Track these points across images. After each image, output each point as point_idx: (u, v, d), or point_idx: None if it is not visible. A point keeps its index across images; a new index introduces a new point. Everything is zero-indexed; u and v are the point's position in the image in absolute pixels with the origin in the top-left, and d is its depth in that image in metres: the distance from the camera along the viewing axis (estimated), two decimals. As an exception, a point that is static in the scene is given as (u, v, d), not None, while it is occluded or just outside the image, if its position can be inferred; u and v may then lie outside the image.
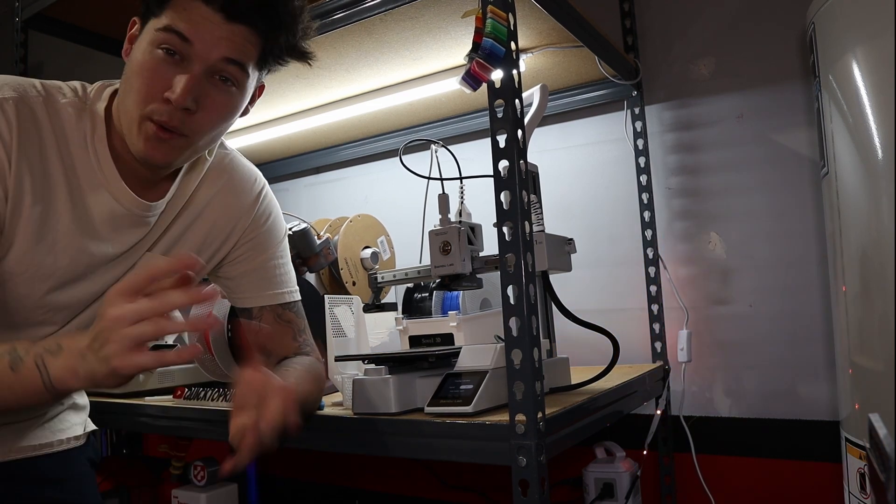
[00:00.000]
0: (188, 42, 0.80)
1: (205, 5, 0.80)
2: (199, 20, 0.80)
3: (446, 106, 1.71)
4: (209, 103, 0.84)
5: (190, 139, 0.86)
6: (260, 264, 1.07)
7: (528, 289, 0.87)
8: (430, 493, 1.81)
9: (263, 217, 1.06)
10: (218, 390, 1.23)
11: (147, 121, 0.83)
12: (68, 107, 0.88)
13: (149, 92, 0.82)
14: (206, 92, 0.83)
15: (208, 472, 1.55)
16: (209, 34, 0.81)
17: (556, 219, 1.64)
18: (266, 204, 1.07)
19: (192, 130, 0.85)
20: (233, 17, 0.81)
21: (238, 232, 1.04)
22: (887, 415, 0.86)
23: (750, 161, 1.50)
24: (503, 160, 0.89)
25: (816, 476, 1.39)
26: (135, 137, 0.85)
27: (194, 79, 0.81)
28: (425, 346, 1.30)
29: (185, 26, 0.80)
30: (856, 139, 0.97)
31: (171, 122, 0.82)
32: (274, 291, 1.07)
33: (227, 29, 0.81)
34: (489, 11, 0.89)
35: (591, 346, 1.32)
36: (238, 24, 0.82)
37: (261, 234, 1.06)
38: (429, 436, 0.94)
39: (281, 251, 1.10)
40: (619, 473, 1.36)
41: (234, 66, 0.84)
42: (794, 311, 1.44)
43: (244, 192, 1.04)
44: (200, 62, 0.81)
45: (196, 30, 0.80)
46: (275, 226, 1.08)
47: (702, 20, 1.56)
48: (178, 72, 0.81)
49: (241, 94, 0.87)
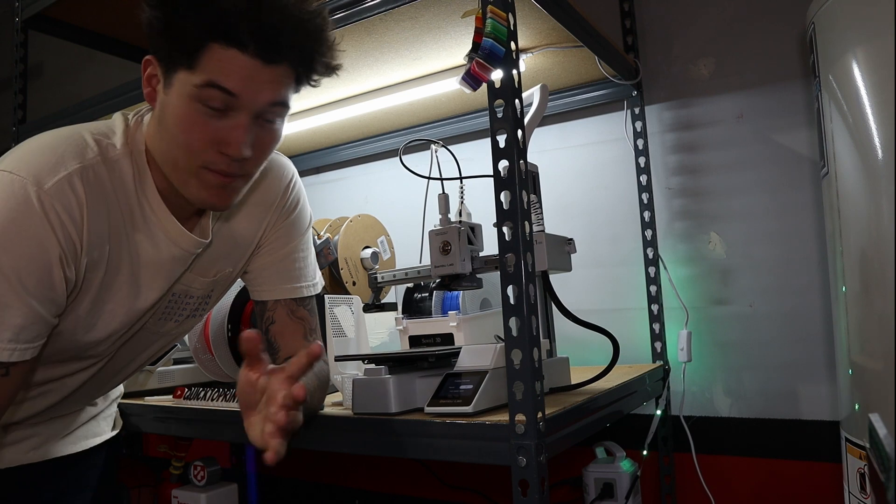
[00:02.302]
0: (234, 95, 0.78)
1: (242, 54, 0.77)
2: (240, 70, 0.77)
3: (446, 106, 1.71)
4: (260, 144, 0.84)
5: (246, 178, 0.87)
6: (283, 256, 1.06)
7: (528, 289, 0.87)
8: (430, 493, 1.81)
9: (290, 207, 1.06)
10: (218, 390, 1.23)
11: (205, 171, 0.83)
12: (120, 160, 0.87)
13: (200, 146, 0.81)
14: (257, 136, 0.83)
15: (208, 472, 1.55)
16: (252, 83, 0.78)
17: (556, 219, 1.64)
18: (294, 194, 1.07)
19: (248, 171, 0.86)
20: (270, 60, 0.78)
21: (269, 224, 1.05)
22: (887, 415, 0.86)
23: (750, 161, 1.50)
24: (503, 160, 0.89)
25: (816, 476, 1.39)
26: (194, 188, 0.85)
27: (248, 130, 0.81)
28: (425, 346, 1.30)
29: (227, 79, 0.77)
30: (856, 139, 0.97)
31: (230, 169, 0.83)
32: (292, 285, 1.07)
33: (268, 73, 0.79)
34: (489, 11, 0.89)
35: (591, 346, 1.32)
36: (276, 66, 0.79)
37: (287, 225, 1.06)
38: (429, 436, 0.94)
39: (304, 242, 1.09)
40: (619, 473, 1.36)
41: (279, 106, 0.83)
42: (794, 311, 1.44)
43: (273, 188, 1.04)
44: (247, 111, 0.80)
45: (239, 81, 0.78)
46: (301, 216, 1.08)
47: (702, 20, 1.56)
48: (227, 122, 0.80)
49: (282, 123, 0.87)
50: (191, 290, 1.01)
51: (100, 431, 1.17)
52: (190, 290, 1.01)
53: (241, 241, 1.03)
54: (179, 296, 1.00)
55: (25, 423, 1.03)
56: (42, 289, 0.80)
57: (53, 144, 0.83)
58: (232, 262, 1.03)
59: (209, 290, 1.04)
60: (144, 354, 1.08)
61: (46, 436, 1.06)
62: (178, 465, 1.67)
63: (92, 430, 1.15)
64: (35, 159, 0.80)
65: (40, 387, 0.98)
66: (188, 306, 1.03)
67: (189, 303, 1.02)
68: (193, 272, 0.99)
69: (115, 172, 0.86)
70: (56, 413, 1.06)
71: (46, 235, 0.79)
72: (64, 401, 1.03)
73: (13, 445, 1.02)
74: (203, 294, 1.03)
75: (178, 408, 1.27)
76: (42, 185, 0.78)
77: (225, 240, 1.01)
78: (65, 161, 0.81)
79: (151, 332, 1.02)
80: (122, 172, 0.87)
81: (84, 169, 0.82)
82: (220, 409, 1.19)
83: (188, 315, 1.05)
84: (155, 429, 1.30)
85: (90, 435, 1.15)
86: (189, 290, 1.01)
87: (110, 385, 1.12)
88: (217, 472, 1.57)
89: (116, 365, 1.04)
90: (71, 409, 1.09)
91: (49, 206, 0.78)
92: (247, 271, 1.08)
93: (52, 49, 2.62)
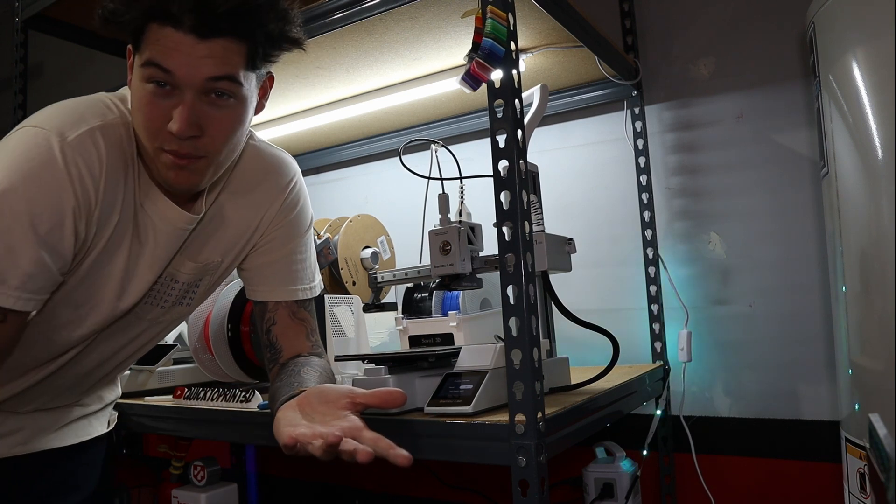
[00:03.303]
0: (170, 72, 0.80)
1: (175, 31, 0.78)
2: (174, 47, 0.78)
3: (446, 106, 1.71)
4: (212, 123, 0.84)
5: (208, 159, 0.87)
6: (282, 257, 1.06)
7: (527, 289, 0.87)
8: (430, 493, 1.81)
9: (290, 206, 1.06)
10: (218, 390, 1.23)
11: (161, 152, 0.84)
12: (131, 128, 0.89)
13: (152, 126, 0.83)
14: (205, 113, 0.82)
15: (208, 472, 1.55)
16: (187, 59, 0.79)
17: (556, 219, 1.64)
18: (295, 193, 1.06)
19: (207, 151, 0.86)
20: (205, 35, 0.78)
21: (266, 222, 1.04)
22: (887, 415, 0.86)
23: (750, 161, 1.50)
24: (503, 160, 0.89)
25: (816, 476, 1.39)
26: (158, 168, 0.87)
27: (189, 107, 0.81)
28: (425, 346, 1.31)
29: (162, 57, 0.79)
30: (856, 139, 0.97)
31: (182, 150, 0.84)
32: (292, 287, 1.07)
33: (204, 48, 0.79)
34: (489, 11, 0.89)
35: (591, 346, 1.32)
36: (213, 40, 0.79)
37: (286, 224, 1.06)
38: (429, 436, 0.94)
39: (304, 243, 1.09)
40: (619, 473, 1.36)
41: (224, 81, 0.82)
42: (794, 311, 1.44)
43: (273, 184, 1.04)
44: (189, 88, 0.81)
45: (173, 58, 0.79)
46: (301, 216, 1.08)
47: (702, 20, 1.56)
48: (173, 101, 0.81)
49: (240, 102, 0.86)
50: (177, 275, 1.01)
51: (92, 431, 1.16)
52: (176, 274, 1.00)
53: (233, 228, 1.02)
54: (165, 279, 1.00)
55: (8, 411, 1.02)
56: (53, 238, 0.81)
57: (76, 105, 0.86)
58: (221, 252, 1.03)
59: (196, 277, 1.03)
60: (130, 346, 1.06)
61: (33, 430, 1.06)
62: (178, 465, 1.67)
63: (84, 429, 1.15)
64: (59, 115, 0.84)
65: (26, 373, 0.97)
66: (174, 292, 1.02)
67: (175, 288, 1.02)
68: (183, 255, 0.99)
69: (130, 136, 0.88)
70: (42, 405, 1.06)
71: (64, 186, 0.81)
72: (48, 388, 1.02)
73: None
74: (189, 281, 1.03)
75: (178, 408, 1.26)
76: (65, 138, 0.81)
77: (220, 227, 1.00)
78: (87, 118, 0.84)
79: (137, 318, 1.01)
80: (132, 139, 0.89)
81: (105, 127, 0.85)
82: (220, 409, 1.19)
83: (173, 303, 1.04)
84: (155, 429, 1.30)
85: (82, 434, 1.14)
86: (175, 275, 1.00)
87: (95, 377, 1.10)
88: (217, 472, 1.57)
89: (101, 352, 1.03)
90: (57, 402, 1.08)
91: (71, 158, 0.81)
92: (244, 269, 1.07)
93: (52, 49, 2.61)
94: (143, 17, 0.79)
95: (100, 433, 1.18)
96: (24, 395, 1.01)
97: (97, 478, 1.17)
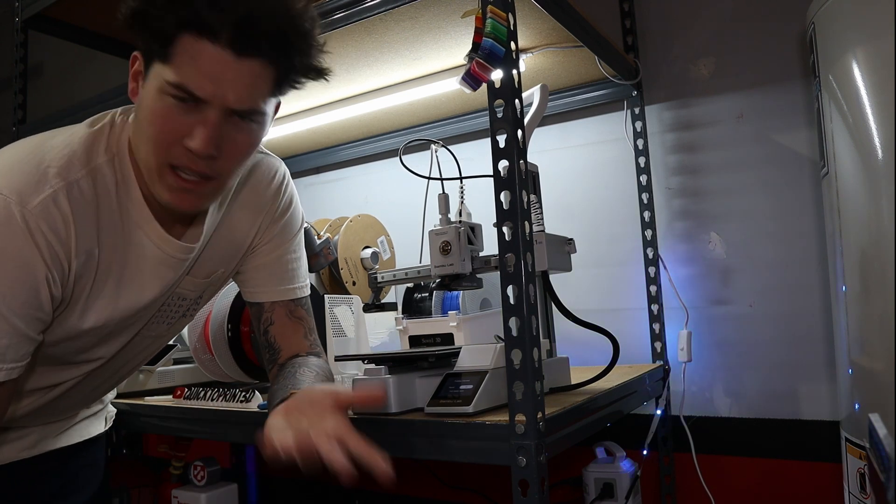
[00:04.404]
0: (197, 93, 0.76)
1: (212, 45, 0.74)
2: (210, 63, 0.74)
3: (446, 106, 1.71)
4: (231, 145, 0.80)
5: (218, 182, 0.83)
6: (276, 258, 1.06)
7: (528, 289, 0.87)
8: (430, 493, 1.80)
9: (284, 209, 1.05)
10: (218, 390, 1.23)
11: (167, 169, 0.80)
12: (103, 167, 0.84)
13: (165, 139, 0.78)
14: (226, 135, 0.79)
15: (208, 472, 1.54)
16: (219, 79, 0.75)
17: (556, 219, 1.63)
18: (287, 196, 1.06)
19: (218, 173, 0.82)
20: (242, 52, 0.75)
21: (263, 227, 1.04)
22: (887, 415, 0.86)
23: (750, 161, 1.50)
24: (503, 160, 0.89)
25: (816, 476, 1.39)
26: (158, 187, 0.82)
27: (213, 126, 0.77)
28: (425, 346, 1.30)
29: (196, 84, 0.75)
30: (856, 139, 0.97)
31: (195, 167, 0.79)
32: (288, 286, 1.07)
33: (236, 70, 0.75)
34: (489, 11, 0.89)
35: (591, 346, 1.32)
36: (248, 60, 0.75)
37: (279, 227, 1.05)
38: (429, 436, 0.94)
39: (297, 244, 1.09)
40: (619, 473, 1.36)
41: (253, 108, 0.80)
42: (794, 311, 1.44)
43: (265, 190, 1.03)
44: (214, 108, 0.77)
45: (209, 77, 0.75)
46: (293, 217, 1.08)
47: (702, 20, 1.56)
48: (195, 117, 0.77)
49: (261, 127, 0.83)
50: (185, 293, 1.00)
51: (93, 430, 1.17)
52: (184, 292, 1.00)
53: (236, 242, 1.02)
54: (173, 298, 1.00)
55: (18, 426, 1.03)
56: (28, 309, 0.78)
57: (35, 157, 0.79)
58: (224, 263, 1.03)
59: (201, 291, 1.03)
60: (138, 358, 1.08)
61: (40, 434, 1.06)
62: (178, 465, 1.67)
63: (86, 429, 1.16)
64: (17, 175, 0.77)
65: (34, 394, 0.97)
66: (181, 308, 1.03)
67: (182, 304, 1.02)
68: (190, 274, 0.98)
69: (99, 181, 0.83)
70: (51, 418, 1.07)
71: (32, 256, 0.77)
72: (58, 406, 1.03)
73: (5, 445, 1.02)
74: (195, 296, 1.03)
75: (178, 408, 1.27)
76: (26, 205, 0.76)
77: (222, 242, 1.00)
78: (48, 178, 0.78)
79: (145, 337, 1.02)
80: (105, 180, 0.84)
81: (69, 185, 0.79)
82: (220, 409, 1.19)
83: (180, 316, 1.04)
84: (155, 429, 1.30)
85: (84, 433, 1.15)
86: (183, 293, 1.00)
87: (102, 390, 1.12)
88: (217, 472, 1.57)
89: (109, 371, 1.04)
90: (65, 414, 1.09)
91: (35, 226, 0.76)
92: (239, 272, 1.07)
93: (52, 49, 2.62)
94: (177, 26, 0.74)
95: (99, 431, 1.19)
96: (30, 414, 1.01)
97: (100, 479, 1.18)
